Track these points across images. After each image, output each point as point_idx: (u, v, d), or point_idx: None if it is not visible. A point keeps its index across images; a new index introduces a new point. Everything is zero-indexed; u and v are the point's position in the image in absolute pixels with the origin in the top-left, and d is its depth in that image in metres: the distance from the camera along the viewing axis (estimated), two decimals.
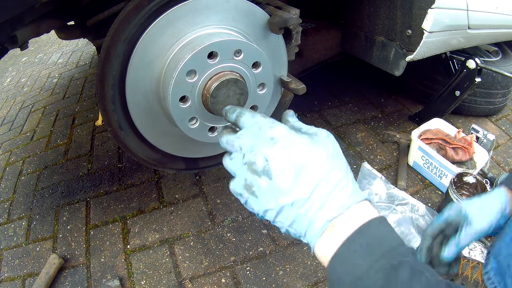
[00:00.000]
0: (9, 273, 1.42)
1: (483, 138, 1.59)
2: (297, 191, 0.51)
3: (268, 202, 0.53)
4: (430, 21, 1.16)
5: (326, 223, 0.50)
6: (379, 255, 0.46)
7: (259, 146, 0.54)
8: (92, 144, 2.01)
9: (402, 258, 0.46)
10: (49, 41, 4.13)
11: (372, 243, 0.47)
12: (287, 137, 0.54)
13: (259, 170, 0.53)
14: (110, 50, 0.83)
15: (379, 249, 0.47)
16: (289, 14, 0.91)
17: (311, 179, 0.51)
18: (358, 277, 0.46)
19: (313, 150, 0.53)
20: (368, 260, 0.46)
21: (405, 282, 0.43)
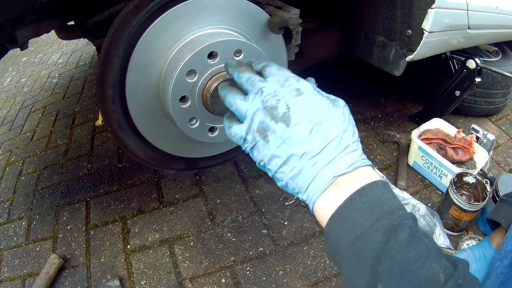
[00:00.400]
0: (9, 273, 1.42)
1: (483, 138, 1.59)
2: (311, 144, 0.51)
3: (278, 149, 0.53)
4: (430, 21, 1.16)
5: (332, 179, 0.50)
6: (380, 214, 0.46)
7: (283, 93, 0.55)
8: (92, 144, 2.01)
9: (403, 220, 0.46)
10: (49, 41, 4.13)
11: (374, 203, 0.47)
12: (311, 93, 0.55)
13: (279, 115, 0.53)
14: (110, 50, 0.83)
15: (381, 209, 0.46)
16: (289, 14, 0.91)
17: (326, 136, 0.52)
18: (357, 236, 0.45)
19: (332, 111, 0.54)
20: (369, 219, 0.46)
21: (403, 242, 0.44)
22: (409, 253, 0.43)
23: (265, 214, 1.47)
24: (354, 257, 0.45)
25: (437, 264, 0.43)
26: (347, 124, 0.54)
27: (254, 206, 1.51)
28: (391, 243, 0.44)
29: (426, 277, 0.41)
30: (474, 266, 1.01)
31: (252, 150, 0.58)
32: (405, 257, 0.43)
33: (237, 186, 1.60)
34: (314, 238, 1.36)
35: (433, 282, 0.41)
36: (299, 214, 1.45)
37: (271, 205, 1.50)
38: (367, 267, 0.44)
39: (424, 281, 0.41)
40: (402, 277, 0.41)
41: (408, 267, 0.42)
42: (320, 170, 0.51)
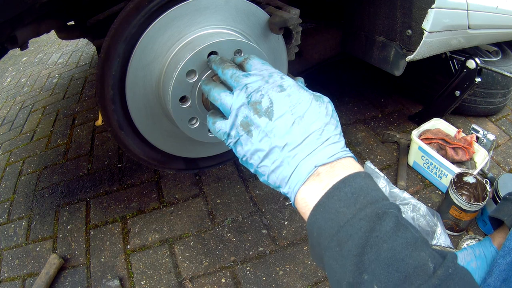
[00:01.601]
0: (9, 273, 1.42)
1: (483, 138, 1.59)
2: (292, 136, 0.52)
3: (260, 143, 0.54)
4: (430, 21, 1.16)
5: (313, 169, 0.50)
6: (364, 204, 0.45)
7: (266, 88, 0.56)
8: (92, 144, 2.01)
9: (387, 209, 0.45)
10: (49, 41, 4.13)
11: (357, 193, 0.46)
12: (294, 89, 0.57)
13: (262, 110, 0.55)
14: (110, 50, 0.83)
15: (365, 199, 0.46)
16: (289, 14, 0.91)
17: (308, 128, 0.53)
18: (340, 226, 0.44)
19: (314, 106, 0.55)
20: (352, 208, 0.45)
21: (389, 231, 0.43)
22: (396, 241, 0.42)
23: (265, 214, 1.47)
24: (337, 247, 0.44)
25: (425, 253, 0.42)
26: (329, 118, 0.55)
27: (254, 206, 1.51)
28: (376, 231, 0.43)
29: (415, 265, 0.40)
30: (474, 264, 1.01)
31: (236, 145, 0.59)
32: (392, 245, 0.42)
33: (237, 186, 1.60)
34: None
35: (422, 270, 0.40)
36: (299, 214, 1.45)
37: (271, 205, 1.50)
38: (352, 256, 0.42)
39: (412, 269, 0.40)
40: (390, 266, 0.40)
41: (395, 256, 0.41)
42: (301, 161, 0.51)
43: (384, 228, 0.43)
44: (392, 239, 0.42)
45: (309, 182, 0.50)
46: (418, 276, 0.39)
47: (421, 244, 0.43)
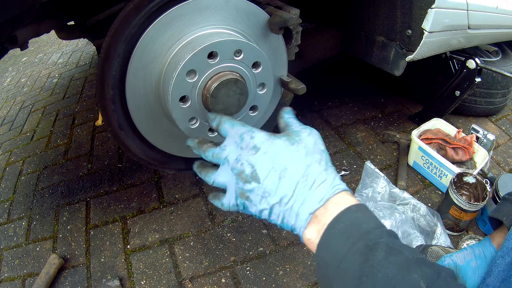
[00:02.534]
0: (9, 273, 1.42)
1: (483, 138, 1.59)
2: (283, 190, 0.57)
3: (261, 204, 0.59)
4: (430, 21, 1.16)
5: (309, 216, 0.55)
6: (357, 237, 0.49)
7: (243, 155, 0.61)
8: (92, 144, 2.01)
9: (378, 239, 0.49)
10: (49, 41, 4.13)
11: (349, 227, 0.51)
12: (267, 144, 0.60)
13: (248, 177, 0.59)
14: (110, 50, 0.83)
15: (357, 232, 0.50)
16: (289, 14, 0.91)
17: (293, 178, 0.57)
18: (339, 261, 0.49)
19: (292, 152, 0.59)
20: (346, 243, 0.50)
21: (381, 260, 0.46)
22: (388, 268, 0.45)
23: None
24: (340, 280, 0.49)
25: (417, 274, 0.44)
26: (310, 157, 0.59)
27: None
28: (370, 261, 0.46)
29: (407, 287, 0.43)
30: (474, 263, 1.01)
31: (245, 211, 0.64)
32: (385, 273, 0.45)
33: None
34: None
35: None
36: None
37: None
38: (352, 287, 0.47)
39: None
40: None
41: (389, 282, 0.44)
42: (298, 210, 0.56)
43: (377, 258, 0.47)
44: (384, 266, 0.46)
45: (310, 225, 0.55)
46: None
47: (413, 266, 0.46)
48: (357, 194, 1.47)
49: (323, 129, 1.87)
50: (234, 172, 0.61)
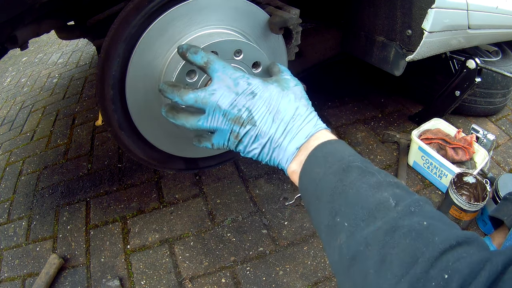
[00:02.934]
0: (9, 273, 1.42)
1: (483, 138, 1.59)
2: (274, 130, 0.62)
3: (253, 144, 0.64)
4: (430, 21, 1.16)
5: (296, 150, 0.61)
6: (332, 162, 0.54)
7: (240, 100, 0.63)
8: (92, 144, 2.01)
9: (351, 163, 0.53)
10: (49, 41, 4.13)
11: (327, 155, 0.56)
12: (262, 89, 0.64)
13: (245, 121, 0.63)
14: (110, 50, 0.83)
15: (333, 158, 0.55)
16: (289, 14, 0.91)
17: (284, 119, 0.62)
18: (316, 183, 0.54)
19: (283, 96, 0.64)
20: (323, 167, 0.55)
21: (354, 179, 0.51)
22: (360, 186, 0.49)
23: (265, 214, 1.47)
24: (316, 200, 0.54)
25: (387, 193, 0.48)
26: (298, 101, 0.64)
27: (254, 206, 1.51)
28: (343, 181, 0.51)
29: (376, 203, 0.47)
30: None
31: (236, 149, 0.68)
32: (356, 190, 0.49)
33: (237, 186, 1.60)
34: (314, 238, 1.36)
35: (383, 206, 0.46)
36: (299, 214, 1.45)
37: (271, 205, 1.50)
38: (326, 204, 0.51)
39: (374, 205, 0.47)
40: (355, 205, 0.48)
41: (359, 197, 0.48)
42: (286, 147, 0.62)
43: (349, 178, 0.51)
44: (357, 185, 0.50)
45: (294, 159, 0.61)
46: (379, 211, 0.46)
47: (385, 186, 0.49)
48: None
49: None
50: (228, 117, 0.63)
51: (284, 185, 1.58)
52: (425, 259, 0.39)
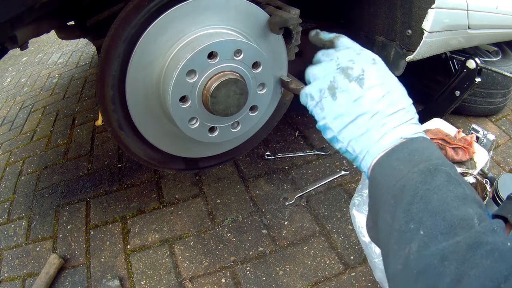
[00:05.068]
0: (9, 273, 1.42)
1: (483, 138, 1.59)
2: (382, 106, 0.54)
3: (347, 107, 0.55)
4: (430, 21, 1.16)
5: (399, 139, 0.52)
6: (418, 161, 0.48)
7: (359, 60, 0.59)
8: (92, 144, 2.01)
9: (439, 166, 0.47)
10: (49, 41, 4.13)
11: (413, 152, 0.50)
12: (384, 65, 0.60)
13: (353, 76, 0.56)
14: (110, 50, 0.83)
15: (420, 157, 0.49)
16: (289, 14, 0.91)
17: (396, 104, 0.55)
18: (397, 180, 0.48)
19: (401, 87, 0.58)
20: (407, 165, 0.48)
21: (439, 185, 0.45)
22: (445, 194, 0.44)
23: (265, 214, 1.47)
24: (392, 200, 0.47)
25: (472, 210, 0.43)
26: (411, 102, 0.57)
27: (254, 206, 1.51)
28: (427, 185, 0.45)
29: (460, 217, 0.42)
30: None
31: (316, 108, 0.60)
32: (441, 197, 0.44)
33: (237, 186, 1.60)
34: (314, 238, 1.36)
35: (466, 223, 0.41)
36: (299, 214, 1.45)
37: (271, 205, 1.50)
38: (403, 205, 0.45)
39: (458, 220, 0.41)
40: (437, 215, 0.42)
41: (443, 206, 0.43)
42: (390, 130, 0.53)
43: (435, 182, 0.45)
44: (442, 192, 0.44)
45: None
46: (462, 227, 0.41)
47: (470, 202, 0.44)
48: (357, 194, 1.47)
49: None
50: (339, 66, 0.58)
51: (284, 185, 1.58)
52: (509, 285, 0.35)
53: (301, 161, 1.68)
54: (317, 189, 1.54)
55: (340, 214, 1.43)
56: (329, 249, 1.31)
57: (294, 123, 1.90)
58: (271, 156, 1.71)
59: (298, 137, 1.83)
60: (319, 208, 1.46)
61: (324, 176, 1.59)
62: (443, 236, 0.41)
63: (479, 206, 0.44)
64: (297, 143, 1.80)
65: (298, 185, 1.57)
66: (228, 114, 0.89)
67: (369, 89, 0.55)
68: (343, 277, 1.23)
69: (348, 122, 0.55)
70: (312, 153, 1.72)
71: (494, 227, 0.41)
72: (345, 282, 1.21)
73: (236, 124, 0.99)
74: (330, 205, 1.47)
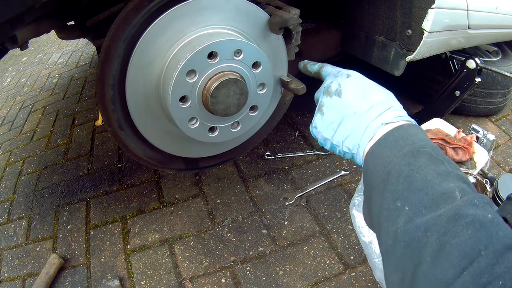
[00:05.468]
0: (9, 273, 1.42)
1: (483, 138, 1.59)
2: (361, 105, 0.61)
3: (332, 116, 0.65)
4: (430, 21, 1.16)
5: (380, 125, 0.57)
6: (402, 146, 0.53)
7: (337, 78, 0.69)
8: (92, 144, 2.01)
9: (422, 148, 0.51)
10: (49, 41, 4.13)
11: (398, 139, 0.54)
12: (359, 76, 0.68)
13: (332, 91, 0.66)
14: (110, 50, 0.83)
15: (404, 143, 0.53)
16: (289, 14, 0.91)
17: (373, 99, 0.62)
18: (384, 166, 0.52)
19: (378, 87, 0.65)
20: (393, 151, 0.53)
21: (422, 165, 0.49)
22: (428, 173, 0.47)
23: (265, 214, 1.47)
24: (382, 183, 0.51)
25: (454, 184, 0.46)
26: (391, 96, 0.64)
27: (254, 206, 1.51)
28: (411, 166, 0.49)
29: (442, 192, 0.45)
30: None
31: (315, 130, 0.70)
32: (423, 175, 0.47)
33: (237, 186, 1.60)
34: (314, 238, 1.36)
35: (448, 197, 0.44)
36: (299, 214, 1.45)
37: (271, 205, 1.50)
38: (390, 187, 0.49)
39: (440, 194, 0.45)
40: (420, 191, 0.46)
41: (426, 183, 0.46)
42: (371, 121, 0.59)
43: (418, 163, 0.49)
44: (424, 171, 0.48)
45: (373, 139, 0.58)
46: (444, 201, 0.44)
47: (452, 177, 0.47)
48: (357, 194, 1.47)
49: None
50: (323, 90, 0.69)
51: (284, 185, 1.58)
52: (489, 253, 0.37)
53: (301, 161, 1.69)
54: (317, 189, 1.54)
55: (340, 214, 1.43)
56: (329, 249, 1.31)
57: (294, 123, 1.90)
58: (271, 156, 1.71)
59: (298, 137, 1.83)
60: (319, 208, 1.46)
61: (324, 176, 1.59)
62: (426, 210, 0.44)
63: (463, 181, 0.47)
64: (297, 143, 1.80)
65: (298, 185, 1.57)
66: (228, 114, 0.89)
67: (347, 96, 0.64)
68: (343, 277, 1.23)
69: (337, 127, 0.64)
70: (312, 153, 1.72)
71: (476, 201, 0.44)
72: (345, 282, 1.21)
73: (236, 124, 0.99)
74: (330, 205, 1.47)
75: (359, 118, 0.60)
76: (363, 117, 0.60)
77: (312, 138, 1.80)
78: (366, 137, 0.58)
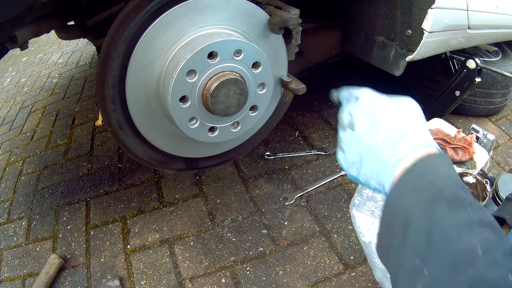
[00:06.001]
0: (9, 273, 1.42)
1: (483, 138, 1.59)
2: (374, 139, 0.56)
3: (353, 155, 0.59)
4: (430, 21, 1.16)
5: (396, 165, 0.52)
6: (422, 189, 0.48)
7: (348, 105, 0.64)
8: (92, 144, 2.01)
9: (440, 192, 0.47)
10: (49, 41, 4.13)
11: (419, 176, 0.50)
12: (368, 96, 0.62)
13: (346, 124, 0.62)
14: (110, 50, 0.83)
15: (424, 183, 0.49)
16: (289, 14, 0.91)
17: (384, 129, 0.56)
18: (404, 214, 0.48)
19: (389, 106, 0.59)
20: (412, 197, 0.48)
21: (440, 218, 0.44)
22: (446, 226, 0.44)
23: (265, 214, 1.47)
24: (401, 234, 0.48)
25: (476, 238, 0.42)
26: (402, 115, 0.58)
27: (254, 206, 1.51)
28: (429, 216, 0.45)
29: (462, 249, 0.41)
30: None
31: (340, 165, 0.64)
32: (442, 230, 0.43)
33: (237, 186, 1.60)
34: (314, 238, 1.36)
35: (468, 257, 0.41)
36: (299, 214, 1.45)
37: (271, 205, 1.50)
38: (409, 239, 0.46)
39: (460, 253, 0.41)
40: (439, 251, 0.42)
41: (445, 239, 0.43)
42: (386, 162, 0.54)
43: (436, 213, 0.45)
44: (442, 224, 0.44)
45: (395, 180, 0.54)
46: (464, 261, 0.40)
47: (476, 227, 0.43)
48: (357, 194, 1.47)
49: (323, 129, 1.87)
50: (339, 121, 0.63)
51: (284, 185, 1.58)
52: None
53: (301, 161, 1.69)
54: (317, 189, 1.54)
55: (340, 214, 1.43)
56: (329, 249, 1.31)
57: (294, 123, 1.90)
58: (271, 156, 1.71)
59: (298, 137, 1.83)
60: (319, 208, 1.46)
61: (324, 176, 1.59)
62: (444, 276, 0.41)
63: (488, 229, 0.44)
64: (297, 143, 1.80)
65: (298, 185, 1.57)
66: (228, 114, 0.89)
67: (359, 128, 0.59)
68: (343, 277, 1.23)
69: (360, 166, 0.59)
70: (312, 153, 1.72)
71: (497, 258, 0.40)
72: (345, 282, 1.21)
73: (236, 124, 0.99)
74: (330, 205, 1.47)
75: (375, 157, 0.56)
76: (378, 155, 0.55)
77: (312, 138, 1.80)
78: (386, 180, 0.54)
